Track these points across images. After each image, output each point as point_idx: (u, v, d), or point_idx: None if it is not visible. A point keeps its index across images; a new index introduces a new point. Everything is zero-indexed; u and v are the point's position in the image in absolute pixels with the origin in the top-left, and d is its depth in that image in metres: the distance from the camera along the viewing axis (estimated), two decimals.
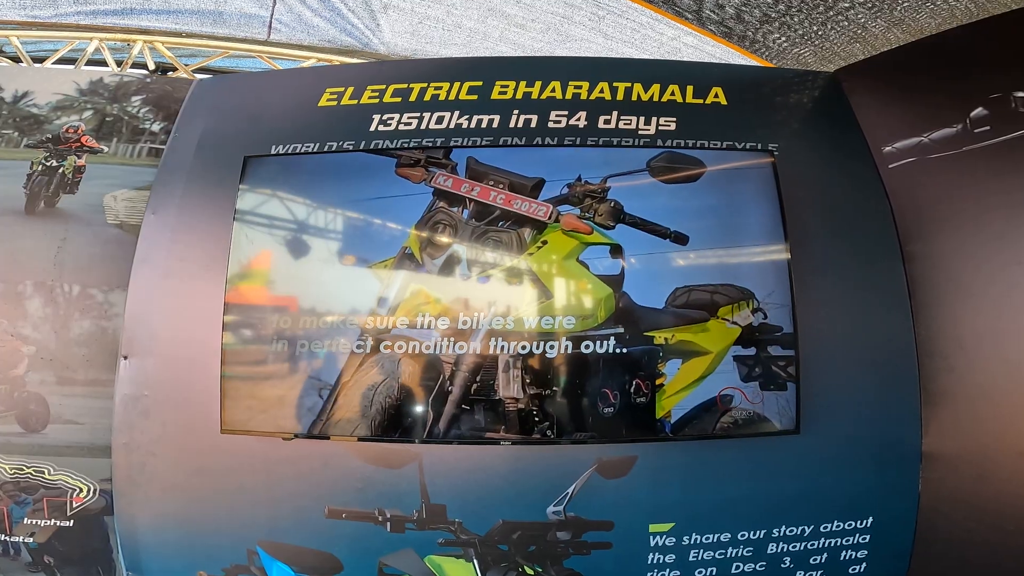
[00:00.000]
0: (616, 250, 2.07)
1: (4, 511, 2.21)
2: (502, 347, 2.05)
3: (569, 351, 2.02)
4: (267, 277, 2.13)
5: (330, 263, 2.12)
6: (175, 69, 3.06)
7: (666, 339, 2.03)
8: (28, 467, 2.20)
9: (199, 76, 2.96)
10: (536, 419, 2.04)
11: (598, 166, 2.13)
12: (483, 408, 2.06)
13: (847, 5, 2.57)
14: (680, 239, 2.06)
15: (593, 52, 3.18)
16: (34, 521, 2.22)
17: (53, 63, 3.02)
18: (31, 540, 2.23)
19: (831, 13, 2.64)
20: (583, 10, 2.90)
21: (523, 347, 2.04)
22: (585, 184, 2.11)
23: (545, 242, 2.08)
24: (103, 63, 3.02)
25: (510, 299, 2.07)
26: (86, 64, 3.01)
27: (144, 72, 2.98)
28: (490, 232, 2.09)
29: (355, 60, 3.26)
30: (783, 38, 2.87)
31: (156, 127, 2.46)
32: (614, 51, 3.14)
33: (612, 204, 2.09)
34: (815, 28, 2.76)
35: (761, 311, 2.04)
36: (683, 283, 2.06)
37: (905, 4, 2.55)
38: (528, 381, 2.05)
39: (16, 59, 3.08)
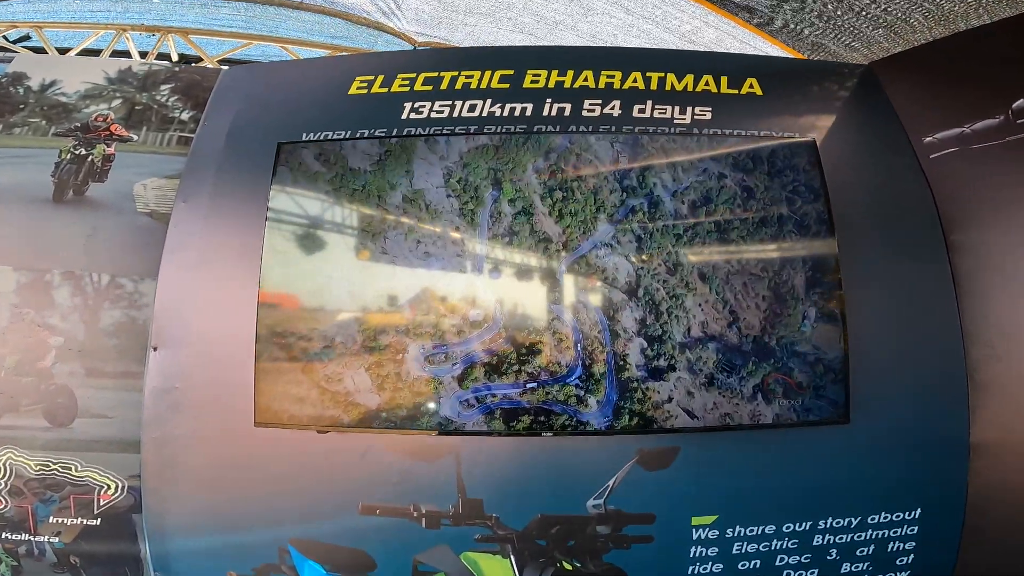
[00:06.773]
0: None
1: (29, 509, 2.17)
2: (533, 341, 2.05)
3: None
4: (303, 267, 2.09)
5: (370, 256, 2.10)
6: (200, 60, 3.05)
7: None
8: (55, 463, 2.18)
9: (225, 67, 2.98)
10: (576, 411, 2.03)
11: None
12: (523, 399, 2.04)
13: None
14: None
15: (614, 26, 3.17)
16: (60, 520, 2.19)
17: (77, 54, 3.00)
18: (57, 540, 2.19)
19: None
20: None
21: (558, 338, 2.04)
22: None
23: None
24: (127, 54, 3.00)
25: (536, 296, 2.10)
26: (111, 55, 2.98)
27: (170, 63, 2.95)
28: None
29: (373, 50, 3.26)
30: (802, 22, 2.84)
31: (185, 115, 2.45)
32: (634, 26, 3.13)
33: None
34: (838, 12, 2.74)
35: None
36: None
37: None
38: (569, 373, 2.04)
39: (39, 51, 3.05)
